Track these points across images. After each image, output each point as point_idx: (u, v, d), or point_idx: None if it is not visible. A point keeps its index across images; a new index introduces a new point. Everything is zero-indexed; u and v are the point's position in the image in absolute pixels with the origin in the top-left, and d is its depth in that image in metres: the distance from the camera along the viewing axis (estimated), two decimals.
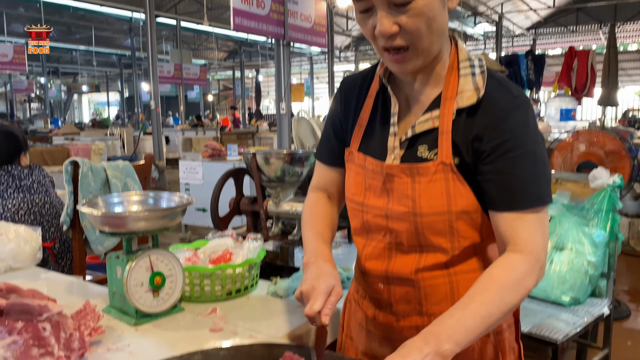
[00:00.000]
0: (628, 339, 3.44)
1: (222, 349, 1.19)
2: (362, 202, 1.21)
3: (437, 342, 0.95)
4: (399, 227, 1.15)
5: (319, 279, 1.09)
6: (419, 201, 1.11)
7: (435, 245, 1.13)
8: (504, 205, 1.07)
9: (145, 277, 1.46)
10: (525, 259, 1.05)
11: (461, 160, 1.09)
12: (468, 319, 0.99)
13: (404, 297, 1.19)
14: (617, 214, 2.24)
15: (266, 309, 1.57)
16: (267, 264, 1.91)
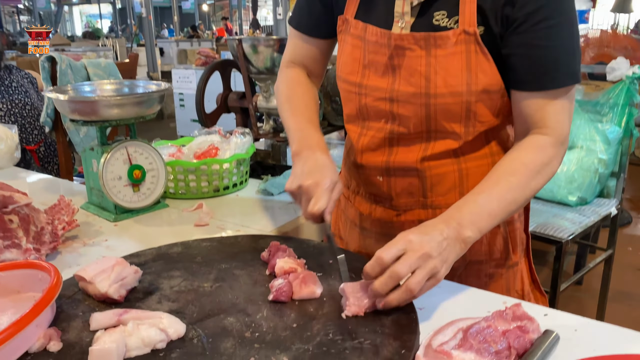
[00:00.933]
0: (629, 244, 3.41)
1: (204, 240, 1.09)
2: (359, 83, 1.04)
3: (459, 227, 0.84)
4: (406, 112, 0.99)
5: (321, 173, 0.95)
6: (435, 79, 0.94)
7: (447, 131, 0.99)
8: (534, 84, 0.92)
9: (123, 170, 1.35)
10: (554, 141, 0.94)
11: (487, 29, 0.92)
12: (492, 204, 0.89)
13: (406, 189, 1.06)
14: (634, 108, 2.09)
15: (256, 206, 1.47)
16: (257, 163, 1.80)
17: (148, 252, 1.04)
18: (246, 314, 0.81)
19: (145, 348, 0.72)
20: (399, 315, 0.80)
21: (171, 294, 0.88)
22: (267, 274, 0.95)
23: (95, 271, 0.86)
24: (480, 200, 0.89)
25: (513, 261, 1.11)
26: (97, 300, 0.86)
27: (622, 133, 2.14)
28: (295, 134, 1.08)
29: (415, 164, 1.03)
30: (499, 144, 1.05)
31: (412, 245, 0.80)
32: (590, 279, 2.76)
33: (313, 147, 1.02)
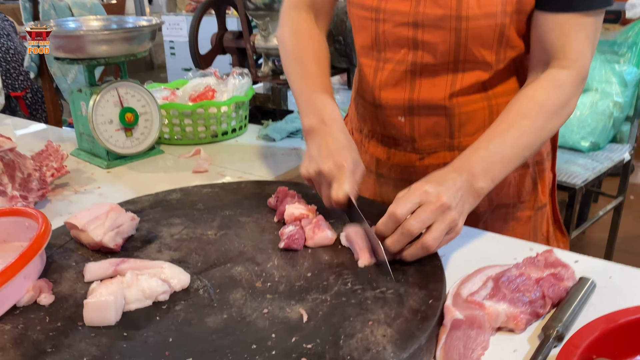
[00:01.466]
0: (631, 193, 3.37)
1: (205, 186, 1.01)
2: (377, 7, 0.92)
3: (471, 178, 0.77)
4: (433, 39, 0.89)
5: (342, 154, 0.83)
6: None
7: (477, 60, 0.90)
8: (563, 3, 0.83)
9: (114, 113, 1.26)
10: (574, 77, 0.85)
11: None
12: (506, 151, 0.81)
13: (431, 129, 0.97)
14: None
15: (257, 152, 1.39)
16: (257, 107, 1.70)
17: (145, 199, 0.97)
18: (255, 263, 0.75)
19: (146, 300, 0.65)
20: (422, 263, 0.73)
21: (172, 242, 0.81)
22: (276, 221, 0.88)
23: (87, 218, 0.79)
24: (492, 147, 0.81)
25: (542, 202, 1.04)
26: (91, 249, 0.79)
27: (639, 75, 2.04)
28: (307, 105, 0.93)
29: (443, 101, 0.94)
30: (524, 76, 0.97)
31: (428, 196, 0.72)
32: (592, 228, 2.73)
33: (329, 123, 0.88)
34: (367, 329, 0.60)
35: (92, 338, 0.59)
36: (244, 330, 0.60)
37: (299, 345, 0.57)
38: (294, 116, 1.53)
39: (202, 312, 0.64)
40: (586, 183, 1.89)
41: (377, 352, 0.56)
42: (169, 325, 0.61)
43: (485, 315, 0.63)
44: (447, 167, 0.80)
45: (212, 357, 0.56)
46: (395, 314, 0.62)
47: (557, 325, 0.62)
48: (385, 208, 0.74)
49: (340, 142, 0.85)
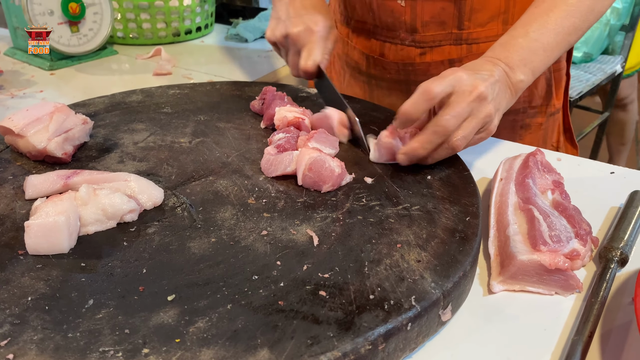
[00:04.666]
0: None
1: (171, 87, 0.85)
2: None
3: (508, 69, 0.64)
4: None
5: (312, 17, 0.74)
6: None
7: None
8: None
9: (55, 2, 1.04)
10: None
11: None
12: (548, 37, 0.67)
13: (437, 16, 0.82)
14: None
15: (228, 54, 1.21)
16: (223, 5, 1.49)
17: (98, 101, 0.79)
18: (244, 175, 0.60)
19: (108, 222, 0.51)
20: (447, 172, 0.61)
21: (136, 151, 0.65)
22: (263, 127, 0.73)
23: (26, 120, 0.62)
24: (532, 33, 0.67)
25: (555, 108, 0.92)
26: (32, 159, 0.63)
27: None
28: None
29: None
30: None
31: (462, 84, 0.59)
32: None
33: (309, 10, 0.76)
34: (395, 253, 0.48)
35: (39, 270, 0.45)
36: (240, 257, 0.47)
37: (313, 274, 0.45)
38: (268, 13, 1.34)
39: (182, 236, 0.50)
40: (580, 95, 1.79)
41: (413, 281, 0.44)
42: (140, 253, 0.47)
43: None
44: (480, 58, 0.66)
45: (202, 292, 0.43)
46: (428, 234, 0.50)
47: (620, 245, 0.51)
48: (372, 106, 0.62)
49: (311, 3, 0.77)
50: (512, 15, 0.81)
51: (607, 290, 0.47)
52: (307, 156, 0.58)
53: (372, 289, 0.43)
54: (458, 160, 0.63)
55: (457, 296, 0.46)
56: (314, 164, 0.57)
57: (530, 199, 0.53)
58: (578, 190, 0.63)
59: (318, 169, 0.57)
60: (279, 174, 0.59)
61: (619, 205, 0.62)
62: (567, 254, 0.48)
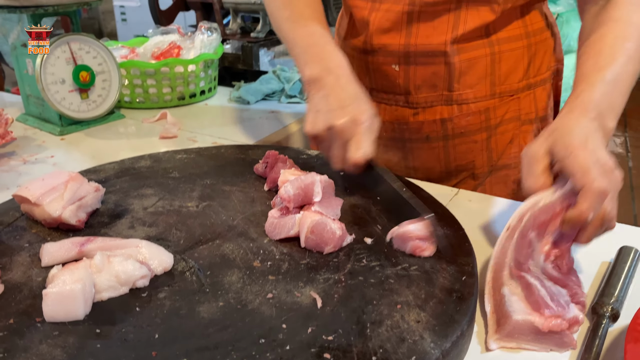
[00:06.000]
0: None
1: (178, 152, 0.88)
2: None
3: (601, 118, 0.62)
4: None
5: (357, 107, 0.70)
6: None
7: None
8: None
9: (67, 71, 1.10)
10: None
11: None
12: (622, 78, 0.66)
13: (429, 80, 0.87)
14: None
15: (231, 116, 1.26)
16: (226, 69, 1.56)
17: (108, 167, 0.83)
18: (249, 238, 0.63)
19: (121, 288, 0.53)
20: (443, 231, 0.63)
21: (146, 216, 0.69)
22: (266, 190, 0.76)
23: (42, 189, 0.65)
24: (608, 77, 0.66)
25: None
26: (47, 227, 0.65)
27: None
28: (307, 52, 0.79)
29: (444, 47, 0.83)
30: (535, 23, 0.88)
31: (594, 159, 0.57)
32: None
33: (336, 71, 0.75)
34: (396, 314, 0.50)
35: (56, 337, 0.47)
36: (247, 321, 0.49)
37: (318, 336, 0.47)
38: (269, 77, 1.40)
39: (192, 300, 0.52)
40: None
41: (413, 342, 0.46)
42: (152, 318, 0.50)
43: None
44: (568, 110, 0.64)
45: (212, 356, 0.45)
46: (426, 294, 0.53)
47: (611, 301, 0.54)
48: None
49: (352, 92, 0.73)
50: (499, 77, 0.87)
51: (600, 346, 0.49)
52: (309, 219, 0.61)
53: (374, 351, 0.45)
54: (453, 220, 0.66)
55: (456, 355, 0.48)
56: (315, 226, 0.60)
57: (523, 266, 0.55)
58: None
59: (320, 232, 0.60)
60: (282, 237, 0.62)
61: (610, 260, 0.64)
62: (569, 320, 0.49)
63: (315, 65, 0.75)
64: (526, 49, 0.87)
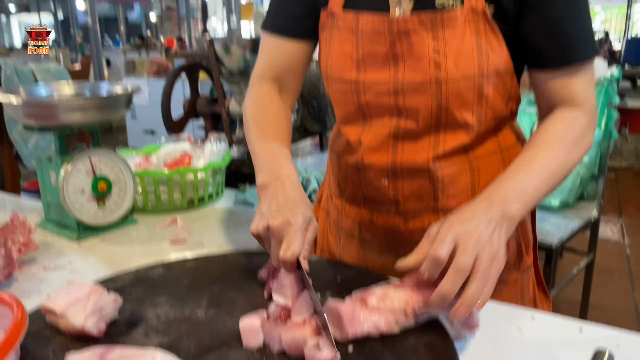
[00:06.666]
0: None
1: (188, 260, 0.96)
2: (355, 80, 0.94)
3: (504, 203, 0.76)
4: (414, 104, 0.90)
5: (292, 211, 0.80)
6: (445, 62, 0.86)
7: (458, 122, 0.91)
8: (560, 60, 0.86)
9: (87, 182, 1.20)
10: (585, 113, 0.88)
11: (498, 8, 0.85)
12: (534, 178, 0.81)
13: (415, 192, 0.97)
14: (613, 110, 2.08)
15: (236, 219, 1.34)
16: (232, 172, 1.67)
17: (125, 276, 0.90)
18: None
19: None
20: (430, 337, 0.70)
21: (159, 325, 0.75)
22: (266, 297, 0.83)
23: (66, 301, 0.72)
24: (521, 175, 0.81)
25: (527, 264, 1.04)
26: (70, 336, 0.72)
27: (602, 135, 2.13)
28: (262, 163, 0.92)
29: (427, 164, 0.94)
30: (508, 139, 0.99)
31: (461, 235, 0.71)
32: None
33: (282, 179, 0.86)
34: None
35: None
36: None
37: None
38: None
39: None
40: (562, 242, 1.92)
41: None
42: None
43: None
44: (479, 198, 0.79)
45: None
46: None
47: None
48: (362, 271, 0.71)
49: (291, 198, 0.83)
50: (479, 187, 0.96)
51: None
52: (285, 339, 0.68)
53: None
54: (440, 327, 0.72)
55: None
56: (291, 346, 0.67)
57: None
58: (548, 349, 0.72)
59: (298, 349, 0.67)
60: (276, 350, 0.69)
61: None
62: None
63: (266, 173, 0.88)
64: (501, 162, 0.97)
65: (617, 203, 4.34)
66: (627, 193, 4.62)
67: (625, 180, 4.91)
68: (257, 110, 1.03)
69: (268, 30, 1.05)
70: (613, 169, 5.06)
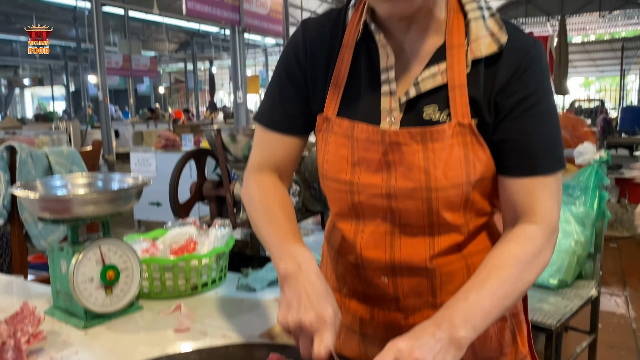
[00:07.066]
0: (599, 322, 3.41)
1: (191, 353, 0.99)
2: (350, 181, 0.98)
3: (452, 328, 0.79)
4: (406, 207, 0.96)
5: (322, 304, 0.84)
6: (434, 173, 0.91)
7: (449, 223, 0.96)
8: (525, 170, 0.92)
9: (96, 271, 1.25)
10: (544, 230, 0.92)
11: (481, 121, 0.92)
12: (485, 301, 0.84)
13: (414, 289, 1.01)
14: (604, 191, 2.15)
15: (238, 305, 1.38)
16: (235, 254, 1.72)
17: None
18: None
19: None
20: None
21: None
22: None
23: None
24: (471, 298, 0.85)
25: (522, 354, 1.06)
26: None
27: (595, 215, 2.19)
28: (281, 251, 0.96)
29: (424, 263, 0.98)
30: (496, 235, 1.04)
31: (401, 353, 0.75)
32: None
33: (305, 268, 0.90)
34: None
35: None
36: None
37: None
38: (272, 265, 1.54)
39: None
40: (561, 323, 1.92)
41: None
42: None
43: None
44: (430, 320, 0.82)
45: None
46: None
47: None
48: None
49: (319, 290, 0.87)
50: None
51: None
52: None
53: None
54: None
55: None
56: None
57: None
58: None
59: None
60: None
61: None
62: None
63: (289, 261, 0.92)
64: None
65: (621, 274, 4.32)
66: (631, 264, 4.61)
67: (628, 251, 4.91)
68: (264, 198, 1.07)
69: (264, 125, 1.10)
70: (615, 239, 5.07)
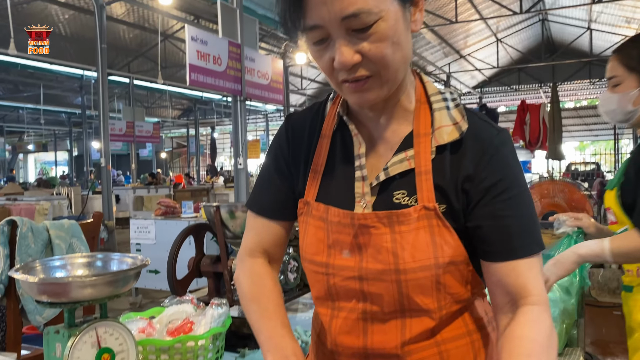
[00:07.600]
0: None
1: None
2: (326, 263, 1.02)
3: None
4: (377, 290, 0.97)
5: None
6: (402, 255, 0.94)
7: (420, 307, 0.96)
8: (508, 254, 0.93)
9: (91, 354, 1.23)
10: (545, 309, 0.93)
11: (449, 207, 0.95)
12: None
13: None
14: None
15: None
16: (232, 332, 1.70)
17: None
18: None
19: None
20: None
21: None
22: None
23: None
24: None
25: None
26: None
27: (579, 284, 2.19)
28: (269, 342, 1.02)
29: (396, 350, 0.99)
30: (475, 322, 1.04)
31: None
32: None
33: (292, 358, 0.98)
34: None
35: None
36: None
37: None
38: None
39: None
40: None
41: None
42: None
43: None
44: None
45: None
46: None
47: None
48: None
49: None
50: None
51: None
52: None
53: None
54: None
55: None
56: None
57: None
58: None
59: None
60: None
61: None
62: None
63: (277, 354, 0.97)
64: (470, 345, 1.01)
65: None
66: None
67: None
68: (253, 286, 1.13)
69: (254, 212, 1.17)
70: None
